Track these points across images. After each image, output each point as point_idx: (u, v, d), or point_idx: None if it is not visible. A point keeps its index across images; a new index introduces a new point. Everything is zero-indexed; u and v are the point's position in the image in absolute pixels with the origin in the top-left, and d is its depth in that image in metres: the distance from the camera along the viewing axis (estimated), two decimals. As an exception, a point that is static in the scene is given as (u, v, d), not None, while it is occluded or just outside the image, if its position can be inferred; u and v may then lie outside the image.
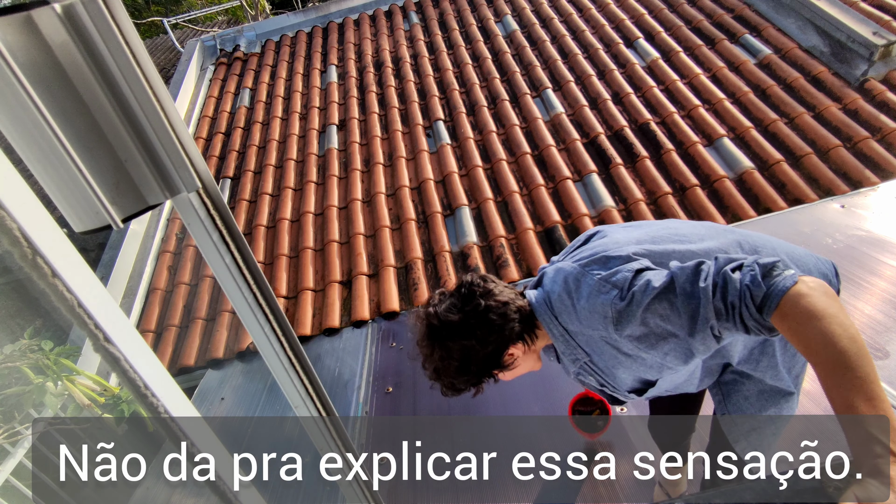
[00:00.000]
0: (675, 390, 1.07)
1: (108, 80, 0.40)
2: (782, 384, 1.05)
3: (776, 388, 1.05)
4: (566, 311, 0.92)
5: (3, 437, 2.14)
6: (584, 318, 0.89)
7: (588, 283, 0.89)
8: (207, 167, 0.48)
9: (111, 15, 0.38)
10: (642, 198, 3.11)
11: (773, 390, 1.05)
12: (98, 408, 2.31)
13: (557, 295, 0.93)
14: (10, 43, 0.35)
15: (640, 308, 0.82)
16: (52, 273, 0.36)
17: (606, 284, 0.87)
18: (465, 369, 0.92)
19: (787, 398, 1.06)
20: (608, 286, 0.86)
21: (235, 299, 0.57)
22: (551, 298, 0.94)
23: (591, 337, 0.91)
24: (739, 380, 1.07)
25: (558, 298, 0.93)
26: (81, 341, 2.90)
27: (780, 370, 1.04)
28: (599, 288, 0.87)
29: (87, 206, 0.40)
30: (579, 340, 0.94)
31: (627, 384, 0.98)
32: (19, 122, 0.36)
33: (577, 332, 0.93)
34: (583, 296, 0.89)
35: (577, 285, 0.91)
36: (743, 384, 1.07)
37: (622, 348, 0.90)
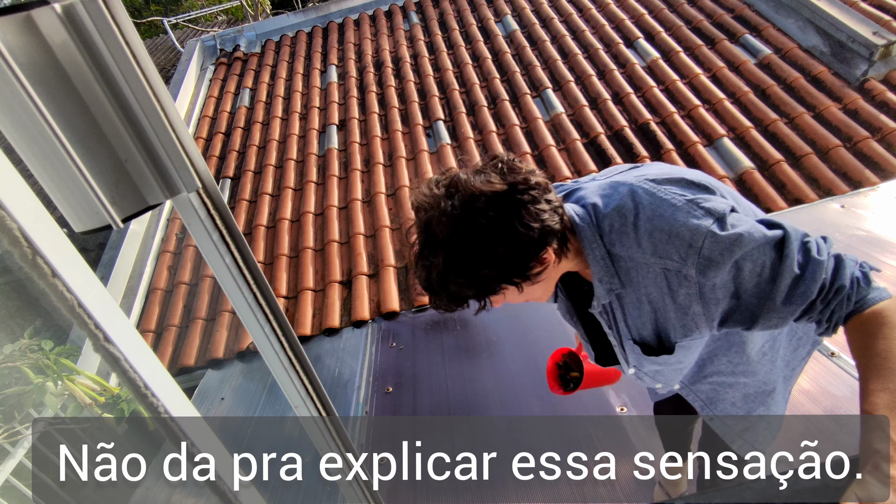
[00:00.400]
0: (666, 382, 1.01)
1: (108, 80, 0.40)
2: (766, 386, 1.03)
3: (761, 389, 1.03)
4: (621, 231, 0.76)
5: (3, 437, 2.14)
6: (652, 241, 0.73)
7: (669, 203, 0.73)
8: (207, 167, 0.48)
9: (111, 15, 0.38)
10: (642, 198, 3.11)
11: (757, 392, 1.03)
12: (98, 407, 2.31)
13: (614, 210, 0.76)
14: (10, 43, 0.35)
15: (741, 248, 0.69)
16: (52, 273, 0.36)
17: (698, 209, 0.72)
18: (485, 264, 0.70)
19: (772, 395, 1.04)
20: (700, 211, 0.72)
21: (235, 299, 0.57)
22: (599, 214, 0.78)
23: (644, 266, 0.76)
24: (720, 389, 1.03)
25: (615, 214, 0.76)
26: (81, 341, 2.90)
27: (758, 371, 1.01)
28: (689, 210, 0.72)
29: (87, 206, 0.40)
30: (619, 267, 0.79)
31: (642, 333, 0.84)
32: (19, 122, 0.36)
33: (625, 258, 0.77)
34: (658, 215, 0.73)
35: (650, 202, 0.74)
36: (726, 392, 1.03)
37: (680, 287, 0.74)
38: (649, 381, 1.01)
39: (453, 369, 2.34)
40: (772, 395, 1.04)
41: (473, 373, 2.29)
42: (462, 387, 2.23)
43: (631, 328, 0.86)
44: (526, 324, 2.52)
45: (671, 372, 0.97)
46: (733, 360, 0.97)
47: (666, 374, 0.97)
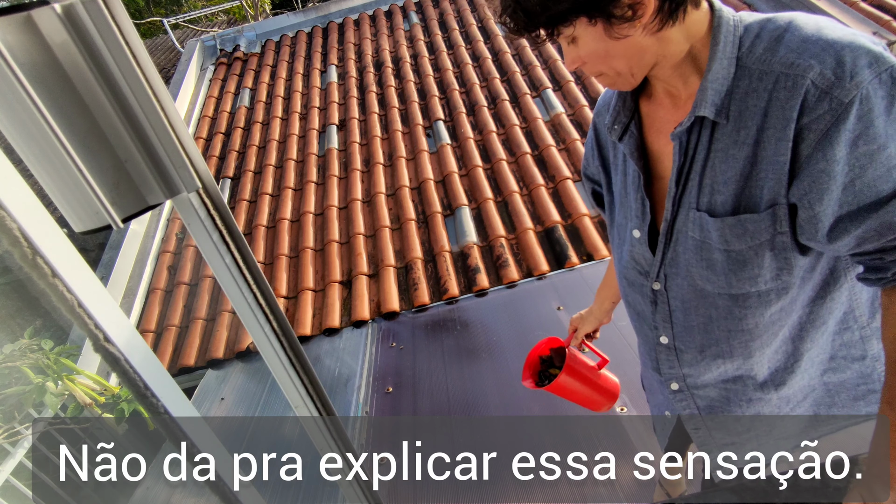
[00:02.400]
0: (684, 330, 0.82)
1: (108, 80, 0.40)
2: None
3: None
4: (772, 37, 0.61)
5: (3, 437, 2.14)
6: (806, 44, 0.58)
7: (846, 32, 0.59)
8: (207, 167, 0.48)
9: (111, 15, 0.38)
10: (642, 198, 3.11)
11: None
12: (98, 407, 2.31)
13: (766, 19, 0.63)
14: (10, 43, 0.35)
15: None
16: (52, 273, 0.36)
17: (881, 53, 0.57)
18: None
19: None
20: (884, 55, 0.57)
21: (235, 299, 0.57)
22: (747, 21, 0.64)
23: (770, 86, 0.61)
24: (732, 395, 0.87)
25: (766, 21, 0.63)
26: (81, 341, 2.91)
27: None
28: (871, 42, 0.58)
29: (87, 206, 0.40)
30: (737, 89, 0.63)
31: (718, 194, 0.68)
32: (19, 122, 0.36)
33: (751, 73, 0.62)
34: (830, 34, 0.59)
35: (826, 26, 0.60)
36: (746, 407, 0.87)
37: (805, 116, 0.58)
38: (662, 323, 0.84)
39: (453, 369, 2.34)
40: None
41: (473, 373, 2.29)
42: (462, 387, 2.23)
43: (705, 184, 0.69)
44: (526, 324, 2.52)
45: (704, 309, 0.78)
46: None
47: (696, 310, 0.79)
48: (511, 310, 2.63)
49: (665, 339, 0.85)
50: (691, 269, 0.75)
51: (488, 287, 2.84)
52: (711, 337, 0.81)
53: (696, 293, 0.77)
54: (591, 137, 0.90)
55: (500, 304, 2.70)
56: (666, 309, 0.82)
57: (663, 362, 0.88)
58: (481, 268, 2.92)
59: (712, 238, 0.70)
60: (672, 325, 0.83)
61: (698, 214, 0.70)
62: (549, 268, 2.82)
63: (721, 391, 0.88)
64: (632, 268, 0.85)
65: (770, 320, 0.76)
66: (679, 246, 0.75)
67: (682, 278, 0.78)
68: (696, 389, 0.89)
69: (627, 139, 0.76)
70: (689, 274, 0.76)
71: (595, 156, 0.90)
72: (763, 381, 0.85)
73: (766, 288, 0.73)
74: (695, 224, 0.71)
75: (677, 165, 0.70)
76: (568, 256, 2.83)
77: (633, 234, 0.81)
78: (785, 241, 0.68)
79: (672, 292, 0.80)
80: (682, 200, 0.72)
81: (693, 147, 0.69)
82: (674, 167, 0.70)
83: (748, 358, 0.82)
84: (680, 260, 0.76)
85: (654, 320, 0.85)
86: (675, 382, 0.90)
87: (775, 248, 0.68)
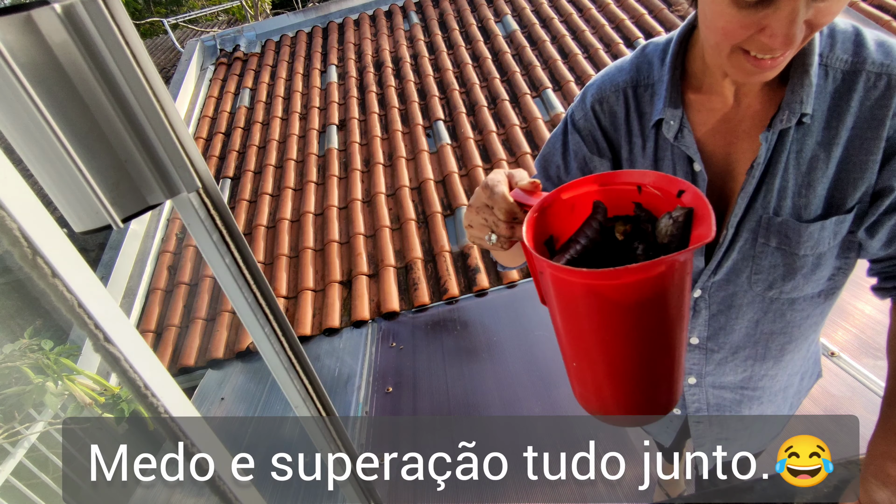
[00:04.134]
0: (725, 325, 0.78)
1: (108, 80, 0.40)
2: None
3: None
4: (845, 38, 0.61)
5: (3, 438, 2.14)
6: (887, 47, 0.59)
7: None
8: (207, 167, 0.48)
9: (111, 15, 0.38)
10: (642, 198, 3.11)
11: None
12: (98, 407, 2.31)
13: (865, 32, 0.61)
14: (10, 43, 0.35)
15: None
16: (52, 273, 0.36)
17: None
18: None
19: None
20: None
21: (235, 299, 0.57)
22: (838, 25, 0.62)
23: (859, 85, 0.60)
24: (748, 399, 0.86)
25: (840, 27, 0.62)
26: (81, 341, 2.91)
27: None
28: None
29: (87, 206, 0.40)
30: (821, 86, 0.61)
31: (802, 197, 0.65)
32: (19, 122, 0.36)
33: (837, 70, 0.60)
34: (890, 38, 0.61)
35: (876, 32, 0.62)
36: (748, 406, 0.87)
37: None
38: (697, 326, 0.79)
39: (453, 369, 2.34)
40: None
41: (473, 373, 2.29)
42: (462, 387, 2.23)
43: (788, 188, 0.65)
44: (526, 324, 2.52)
45: (752, 299, 0.74)
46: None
47: (742, 314, 0.76)
48: (511, 310, 2.63)
49: (696, 340, 0.82)
50: (752, 276, 0.72)
51: (488, 287, 2.83)
52: (751, 339, 0.79)
53: (748, 297, 0.74)
54: (591, 127, 0.75)
55: (500, 304, 2.70)
56: (705, 314, 0.78)
57: (687, 359, 0.85)
58: (481, 268, 2.92)
59: (796, 244, 0.66)
60: (708, 327, 0.80)
61: (780, 220, 0.66)
62: (549, 268, 2.82)
63: (736, 394, 0.87)
64: None
65: (809, 322, 0.76)
66: (739, 253, 0.70)
67: (733, 284, 0.73)
68: (714, 388, 0.87)
69: (684, 138, 0.68)
70: (747, 280, 0.72)
71: (593, 151, 0.76)
72: (782, 386, 0.86)
73: (819, 290, 0.72)
74: (774, 230, 0.67)
75: (761, 169, 0.64)
76: (568, 256, 2.83)
77: None
78: (853, 240, 0.67)
79: (714, 297, 0.76)
80: (752, 205, 0.67)
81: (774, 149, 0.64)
82: (754, 171, 0.64)
83: (779, 360, 0.81)
84: (738, 267, 0.71)
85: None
86: (694, 377, 0.87)
87: (843, 248, 0.68)
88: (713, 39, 0.56)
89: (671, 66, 0.67)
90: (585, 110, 0.75)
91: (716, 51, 0.57)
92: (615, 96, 0.73)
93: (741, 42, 0.53)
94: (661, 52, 0.70)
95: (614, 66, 0.74)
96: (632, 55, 0.74)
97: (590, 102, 0.74)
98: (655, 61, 0.70)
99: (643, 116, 0.71)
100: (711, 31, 0.55)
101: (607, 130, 0.75)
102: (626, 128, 0.73)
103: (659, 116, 0.68)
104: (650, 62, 0.71)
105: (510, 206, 0.54)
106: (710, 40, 0.57)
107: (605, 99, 0.73)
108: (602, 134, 0.75)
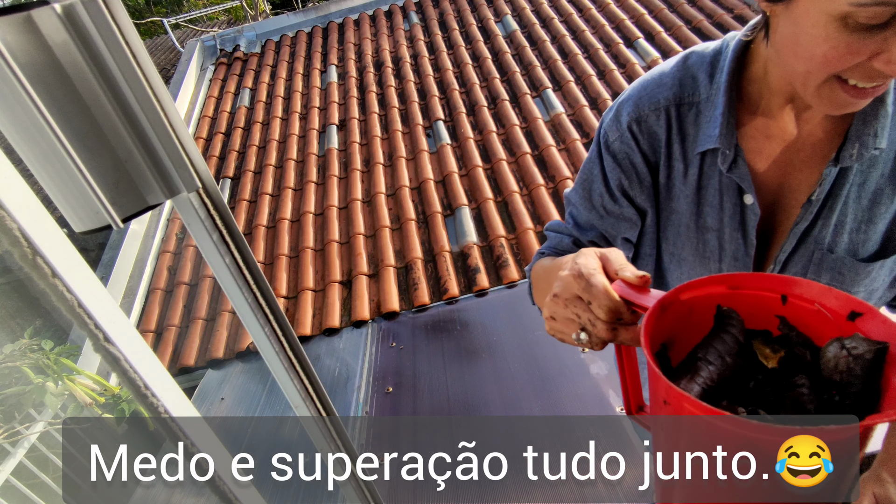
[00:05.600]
0: None
1: (108, 80, 0.40)
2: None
3: None
4: None
5: (3, 438, 2.14)
6: None
7: None
8: (207, 167, 0.48)
9: (111, 15, 0.38)
10: (642, 198, 3.11)
11: None
12: (98, 407, 2.31)
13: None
14: (10, 43, 0.35)
15: None
16: (52, 273, 0.36)
17: None
18: None
19: None
20: None
21: (235, 299, 0.57)
22: None
23: None
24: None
25: None
26: (81, 341, 2.91)
27: None
28: None
29: (87, 206, 0.40)
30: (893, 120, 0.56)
31: (861, 234, 0.61)
32: (19, 122, 0.36)
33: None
34: None
35: None
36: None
37: None
38: None
39: (453, 369, 2.34)
40: None
41: (474, 373, 2.29)
42: (462, 387, 2.23)
43: (845, 223, 0.61)
44: (526, 324, 2.52)
45: None
46: None
47: None
48: (511, 310, 2.63)
49: None
50: None
51: (488, 287, 2.83)
52: None
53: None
54: (627, 150, 0.66)
55: (500, 304, 2.70)
56: None
57: None
58: (481, 268, 2.92)
59: (851, 282, 0.63)
60: None
61: (834, 257, 0.61)
62: (549, 268, 2.82)
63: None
64: None
65: None
66: None
67: None
68: None
69: (738, 168, 0.61)
70: None
71: (631, 178, 0.67)
72: None
73: None
74: (827, 267, 0.62)
75: (818, 203, 0.60)
76: (568, 256, 2.83)
77: None
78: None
79: None
80: (804, 240, 0.63)
81: (833, 187, 0.60)
82: (813, 205, 0.60)
83: None
84: None
85: None
86: None
87: (894, 280, 0.65)
88: (803, 67, 0.49)
89: (727, 89, 0.59)
90: (621, 131, 0.66)
91: (803, 80, 0.50)
92: (655, 115, 0.65)
93: (842, 70, 0.47)
94: (709, 66, 0.62)
95: (652, 78, 0.66)
96: (672, 66, 0.66)
97: (625, 122, 0.66)
98: (701, 76, 0.63)
99: (686, 139, 0.64)
100: (803, 58, 0.48)
101: (646, 153, 0.67)
102: (667, 151, 0.65)
103: (712, 146, 0.61)
104: (694, 77, 0.63)
105: (615, 304, 0.44)
106: (796, 68, 0.50)
107: (644, 118, 0.65)
108: (641, 157, 0.67)
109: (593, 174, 0.71)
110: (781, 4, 0.49)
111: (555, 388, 2.07)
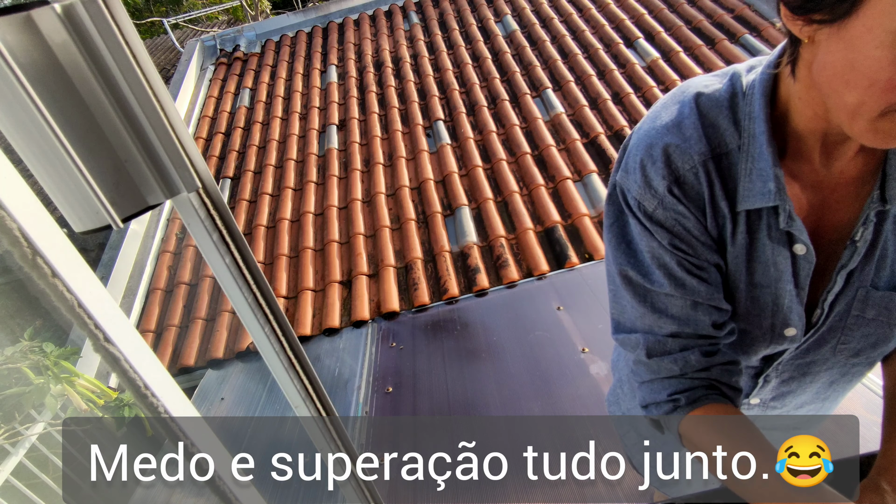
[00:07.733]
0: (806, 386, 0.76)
1: (108, 80, 0.40)
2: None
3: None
4: None
5: (3, 438, 2.14)
6: None
7: None
8: (207, 167, 0.48)
9: (111, 15, 0.38)
10: (642, 198, 3.12)
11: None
12: (97, 410, 2.31)
13: None
14: (10, 43, 0.35)
15: None
16: (52, 273, 0.36)
17: None
18: None
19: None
20: None
21: (235, 299, 0.57)
22: None
23: None
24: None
25: None
26: (81, 341, 2.91)
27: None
28: None
29: (87, 206, 0.40)
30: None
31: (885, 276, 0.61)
32: (19, 122, 0.36)
33: None
34: None
35: None
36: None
37: None
38: (761, 391, 0.76)
39: (453, 369, 2.34)
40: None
41: (473, 373, 2.29)
42: (462, 387, 2.23)
43: (886, 261, 0.60)
44: (526, 324, 2.52)
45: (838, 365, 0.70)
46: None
47: (818, 379, 0.73)
48: (511, 310, 2.63)
49: (756, 401, 0.77)
50: (839, 345, 0.67)
51: (488, 287, 2.84)
52: (819, 396, 0.76)
53: (827, 364, 0.69)
54: (677, 216, 0.59)
55: (500, 304, 2.70)
56: (775, 382, 0.74)
57: (741, 407, 0.79)
58: (481, 268, 2.92)
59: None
60: (775, 391, 0.76)
61: (880, 294, 0.61)
62: (549, 268, 2.82)
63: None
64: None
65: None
66: (827, 326, 0.65)
67: (814, 353, 0.69)
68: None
69: (794, 222, 0.57)
70: (831, 349, 0.68)
71: (692, 243, 0.61)
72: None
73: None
74: (872, 303, 0.62)
75: (867, 245, 0.58)
76: (568, 256, 2.83)
77: (787, 332, 0.65)
78: None
79: (788, 366, 0.71)
80: (849, 280, 0.62)
81: (881, 224, 0.58)
82: (859, 247, 0.58)
83: (834, 402, 0.79)
84: (824, 338, 0.66)
85: (750, 389, 0.77)
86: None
87: None
88: (856, 98, 0.44)
89: (769, 141, 0.55)
90: (659, 197, 0.59)
91: (852, 112, 0.46)
92: (692, 173, 0.58)
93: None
94: (728, 111, 0.58)
95: (665, 127, 0.59)
96: (686, 113, 0.59)
97: (662, 187, 0.58)
98: (723, 123, 0.58)
99: (729, 193, 0.59)
100: (859, 87, 0.44)
101: (696, 214, 0.60)
102: (712, 209, 0.59)
103: (769, 203, 0.56)
104: (714, 124, 0.58)
105: None
106: (846, 99, 0.45)
107: (683, 179, 0.58)
108: (695, 220, 0.60)
109: (654, 252, 0.61)
110: (829, 27, 0.44)
111: (555, 388, 2.07)
